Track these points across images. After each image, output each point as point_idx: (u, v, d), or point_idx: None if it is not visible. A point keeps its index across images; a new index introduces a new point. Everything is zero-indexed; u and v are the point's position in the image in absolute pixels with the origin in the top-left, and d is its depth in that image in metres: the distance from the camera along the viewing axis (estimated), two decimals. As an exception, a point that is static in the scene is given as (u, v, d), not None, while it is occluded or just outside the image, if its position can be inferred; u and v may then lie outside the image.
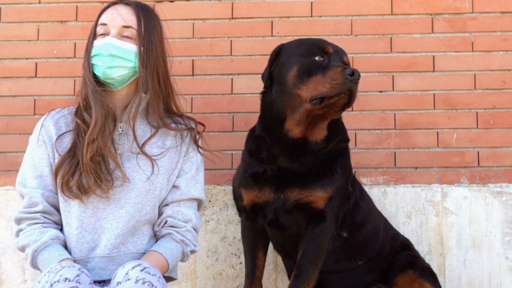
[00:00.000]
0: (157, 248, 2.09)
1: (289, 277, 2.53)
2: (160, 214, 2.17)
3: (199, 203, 2.25)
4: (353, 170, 2.51)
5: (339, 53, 2.23)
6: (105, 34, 2.12)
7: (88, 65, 2.12)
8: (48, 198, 2.09)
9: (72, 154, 2.07)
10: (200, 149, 2.25)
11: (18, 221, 2.11)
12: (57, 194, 2.10)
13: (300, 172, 2.23)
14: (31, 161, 2.12)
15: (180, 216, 2.16)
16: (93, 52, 2.12)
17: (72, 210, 2.08)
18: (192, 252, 2.19)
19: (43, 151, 2.12)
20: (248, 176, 2.31)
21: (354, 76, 2.08)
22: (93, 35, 2.14)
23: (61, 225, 2.12)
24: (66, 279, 1.77)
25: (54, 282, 1.77)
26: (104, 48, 2.09)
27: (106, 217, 2.08)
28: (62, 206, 2.09)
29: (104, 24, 2.13)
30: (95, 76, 2.12)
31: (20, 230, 2.09)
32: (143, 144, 2.13)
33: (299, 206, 2.23)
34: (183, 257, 2.17)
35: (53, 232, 2.06)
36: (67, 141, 2.12)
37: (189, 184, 2.20)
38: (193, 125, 2.26)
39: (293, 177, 2.23)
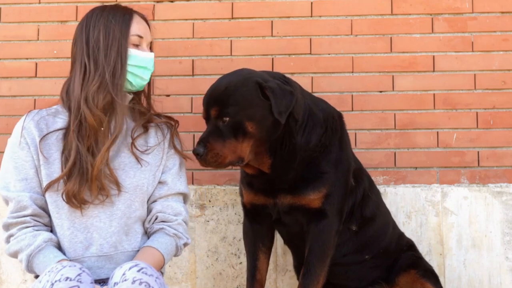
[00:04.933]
0: (151, 244, 2.10)
1: (297, 272, 2.53)
2: (149, 211, 2.18)
3: (185, 197, 2.26)
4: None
5: (208, 109, 2.18)
6: (136, 45, 2.15)
7: (123, 72, 2.09)
8: (36, 201, 2.06)
9: (79, 165, 2.03)
10: (175, 150, 2.25)
11: (7, 227, 2.07)
12: (43, 196, 2.08)
13: (285, 181, 2.24)
14: (13, 164, 2.08)
15: (170, 210, 2.17)
16: (137, 63, 2.13)
17: (62, 211, 2.06)
18: (185, 244, 2.20)
19: (26, 153, 2.08)
20: (245, 177, 2.34)
21: (199, 156, 2.11)
22: (125, 42, 2.12)
23: (51, 226, 2.10)
24: (67, 278, 1.77)
25: (55, 281, 1.76)
26: (151, 63, 2.18)
27: (97, 216, 2.08)
28: (51, 208, 2.07)
29: (140, 37, 2.16)
30: None
31: (10, 236, 2.06)
32: (133, 140, 2.15)
33: (294, 208, 2.25)
34: (177, 251, 2.18)
35: (45, 234, 2.04)
36: (50, 143, 2.08)
37: (174, 179, 2.21)
38: (172, 123, 2.28)
39: (281, 185, 2.24)
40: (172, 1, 2.95)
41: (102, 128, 2.06)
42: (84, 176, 2.02)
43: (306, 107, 2.24)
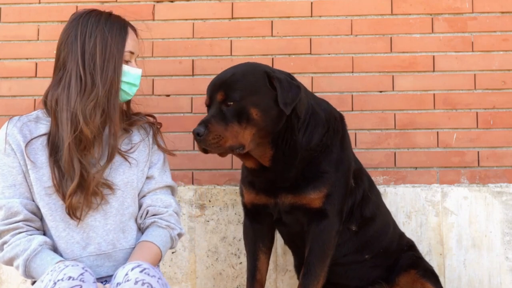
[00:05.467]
0: (146, 238, 2.11)
1: (297, 272, 2.54)
2: (139, 206, 2.19)
3: (172, 190, 2.27)
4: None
5: (213, 94, 2.16)
6: (126, 61, 2.14)
7: (118, 91, 2.10)
8: (26, 206, 2.04)
9: (82, 176, 2.03)
10: (159, 147, 2.26)
11: None
12: (33, 200, 2.07)
13: (286, 179, 2.24)
14: None
15: (159, 203, 2.18)
16: (127, 79, 2.13)
17: (56, 214, 2.06)
18: (179, 235, 2.21)
19: (13, 160, 2.06)
20: (247, 176, 2.35)
21: (198, 136, 2.07)
22: (121, 60, 2.11)
23: (43, 230, 2.09)
24: (70, 277, 1.77)
25: (58, 280, 1.76)
26: (138, 80, 2.18)
27: (91, 215, 2.08)
28: (44, 211, 2.06)
29: (132, 53, 2.16)
30: None
31: (4, 243, 2.03)
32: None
33: (295, 207, 2.25)
34: (172, 242, 2.19)
35: (40, 238, 2.02)
36: (36, 148, 2.07)
37: (161, 173, 2.23)
38: (151, 120, 2.29)
39: (282, 184, 2.24)
40: (172, 1, 2.95)
41: (97, 141, 2.06)
42: (84, 188, 2.03)
43: (309, 106, 2.24)
